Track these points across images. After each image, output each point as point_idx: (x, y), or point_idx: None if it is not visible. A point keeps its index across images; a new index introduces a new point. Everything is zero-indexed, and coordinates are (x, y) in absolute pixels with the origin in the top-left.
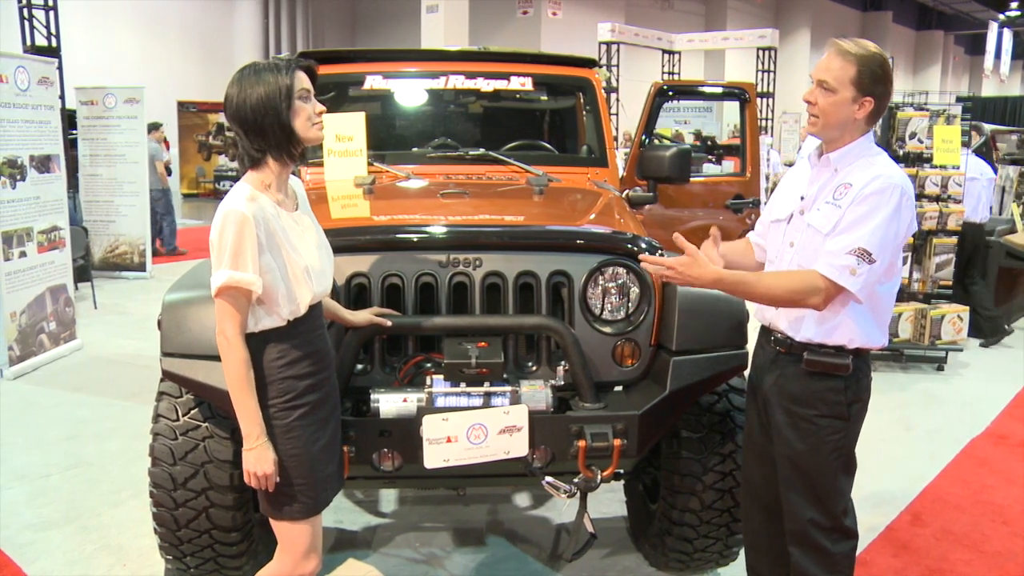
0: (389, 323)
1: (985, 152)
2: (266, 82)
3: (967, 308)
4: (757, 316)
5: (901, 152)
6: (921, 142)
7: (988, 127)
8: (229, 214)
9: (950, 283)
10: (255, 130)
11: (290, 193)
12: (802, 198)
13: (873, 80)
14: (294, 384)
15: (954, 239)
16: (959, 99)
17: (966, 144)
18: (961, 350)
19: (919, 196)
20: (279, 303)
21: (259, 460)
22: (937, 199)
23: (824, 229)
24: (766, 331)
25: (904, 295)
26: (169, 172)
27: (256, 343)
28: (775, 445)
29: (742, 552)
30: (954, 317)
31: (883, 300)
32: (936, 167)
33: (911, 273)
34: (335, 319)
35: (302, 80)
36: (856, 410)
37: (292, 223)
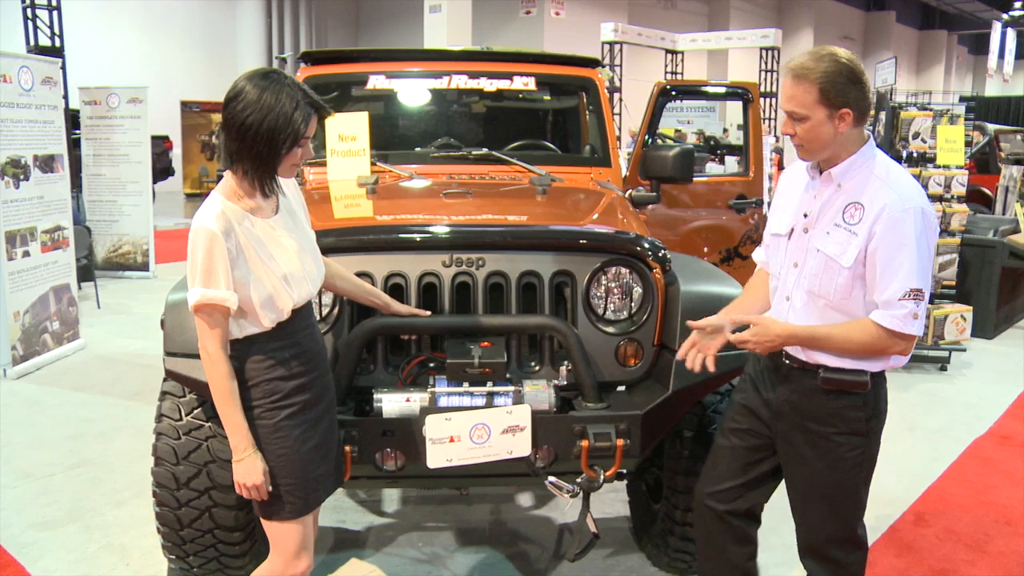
0: (428, 312)
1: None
2: (283, 114)
3: (970, 308)
4: None
5: (904, 152)
6: (924, 142)
7: (992, 127)
8: (198, 231)
9: (953, 283)
10: (243, 146)
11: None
12: (805, 215)
13: (841, 91)
14: (280, 385)
15: (958, 239)
16: (963, 99)
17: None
18: (964, 350)
19: None
20: (259, 313)
21: (248, 471)
22: (940, 199)
23: (845, 261)
24: None
25: None
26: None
27: (242, 347)
28: (790, 464)
29: None
30: (957, 317)
31: None
32: (940, 167)
33: None
34: (377, 306)
35: (311, 127)
36: (875, 425)
37: (268, 230)
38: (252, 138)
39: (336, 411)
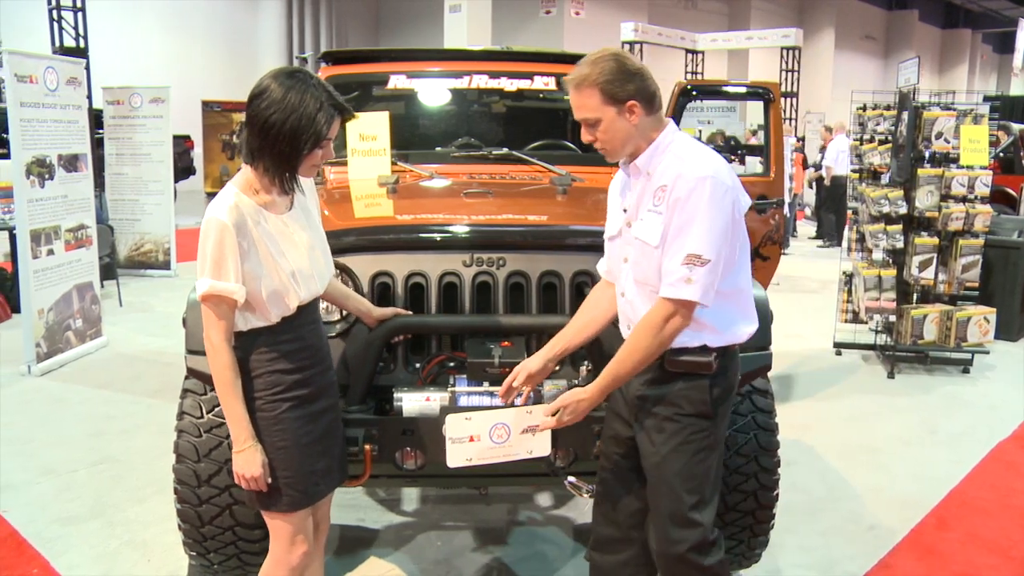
0: (411, 312)
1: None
2: (306, 115)
3: (994, 310)
4: (622, 328)
5: (927, 153)
6: (948, 142)
7: (1017, 127)
8: (210, 222)
9: (977, 285)
10: (265, 143)
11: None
12: (625, 211)
13: (619, 86)
14: (281, 378)
15: (981, 240)
16: (987, 98)
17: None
18: (987, 352)
19: (945, 197)
20: (265, 307)
21: (247, 463)
22: (964, 200)
23: (653, 241)
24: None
25: (929, 296)
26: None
27: (246, 339)
28: (643, 455)
29: (765, 554)
30: (980, 319)
31: (735, 293)
32: (963, 167)
33: (936, 275)
34: (361, 313)
35: (334, 129)
36: (722, 410)
37: (280, 226)
38: (274, 137)
39: (339, 408)
